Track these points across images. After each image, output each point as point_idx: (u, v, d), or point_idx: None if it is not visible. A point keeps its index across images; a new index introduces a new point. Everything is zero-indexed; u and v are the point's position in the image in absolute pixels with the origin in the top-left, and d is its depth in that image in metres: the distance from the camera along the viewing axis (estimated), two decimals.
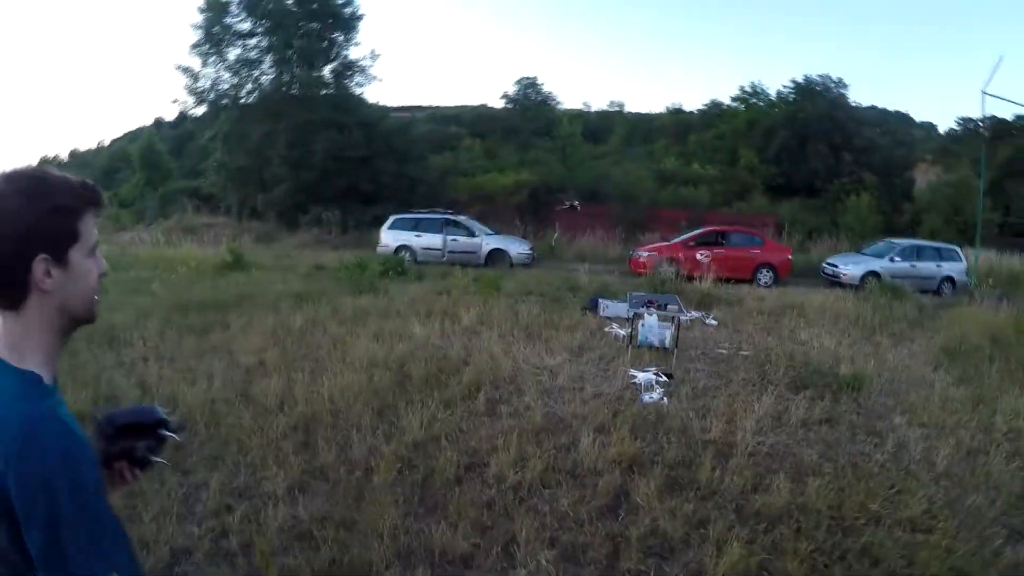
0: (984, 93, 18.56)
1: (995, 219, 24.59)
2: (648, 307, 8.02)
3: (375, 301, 10.17)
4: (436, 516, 3.84)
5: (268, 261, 15.13)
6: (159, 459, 1.38)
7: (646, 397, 6.10)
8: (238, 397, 5.55)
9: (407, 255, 16.64)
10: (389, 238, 17.63)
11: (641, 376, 6.70)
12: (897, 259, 16.23)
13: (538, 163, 29.06)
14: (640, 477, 4.36)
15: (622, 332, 8.67)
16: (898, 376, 7.14)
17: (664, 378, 6.71)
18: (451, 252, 17.25)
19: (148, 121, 33.14)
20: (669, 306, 8.00)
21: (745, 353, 7.90)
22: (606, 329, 8.92)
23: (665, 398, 6.10)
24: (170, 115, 31.12)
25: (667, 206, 24.26)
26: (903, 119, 46.19)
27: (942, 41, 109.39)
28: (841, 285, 15.73)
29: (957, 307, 11.79)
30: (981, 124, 26.47)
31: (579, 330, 8.76)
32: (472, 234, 17.68)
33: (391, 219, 18.07)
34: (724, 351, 8.02)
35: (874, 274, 15.65)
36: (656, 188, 26.76)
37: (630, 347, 7.75)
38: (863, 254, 17.48)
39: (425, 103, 36.99)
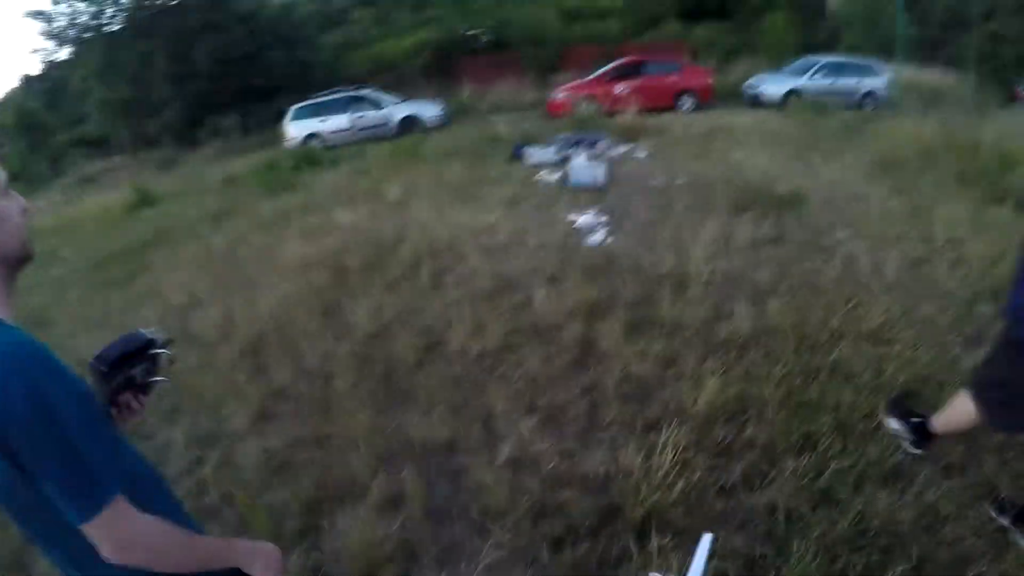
0: None
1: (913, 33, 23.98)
2: (575, 147, 7.80)
3: (294, 199, 9.70)
4: (407, 407, 3.73)
5: (175, 188, 14.19)
6: (160, 378, 1.45)
7: (591, 239, 6.01)
8: (178, 339, 5.23)
9: (316, 143, 15.86)
10: (294, 130, 16.69)
11: (581, 219, 6.58)
12: (817, 76, 16.02)
13: (436, 19, 27.34)
14: (602, 323, 4.31)
15: (553, 177, 8.46)
16: (835, 191, 7.09)
17: (605, 217, 6.60)
18: (361, 129, 16.48)
19: (13, 83, 29.96)
20: (597, 144, 7.79)
21: (681, 181, 7.77)
22: (535, 177, 8.68)
23: (610, 237, 6.01)
24: (35, 69, 27.90)
25: (578, 43, 23.19)
26: None
27: None
28: (763, 105, 15.58)
29: (882, 121, 11.70)
30: None
31: (508, 183, 8.51)
32: (379, 106, 16.85)
33: (292, 110, 17.02)
34: (659, 182, 7.87)
35: (795, 92, 15.40)
36: (564, 27, 25.50)
37: (564, 191, 7.58)
38: (783, 73, 17.11)
39: None
